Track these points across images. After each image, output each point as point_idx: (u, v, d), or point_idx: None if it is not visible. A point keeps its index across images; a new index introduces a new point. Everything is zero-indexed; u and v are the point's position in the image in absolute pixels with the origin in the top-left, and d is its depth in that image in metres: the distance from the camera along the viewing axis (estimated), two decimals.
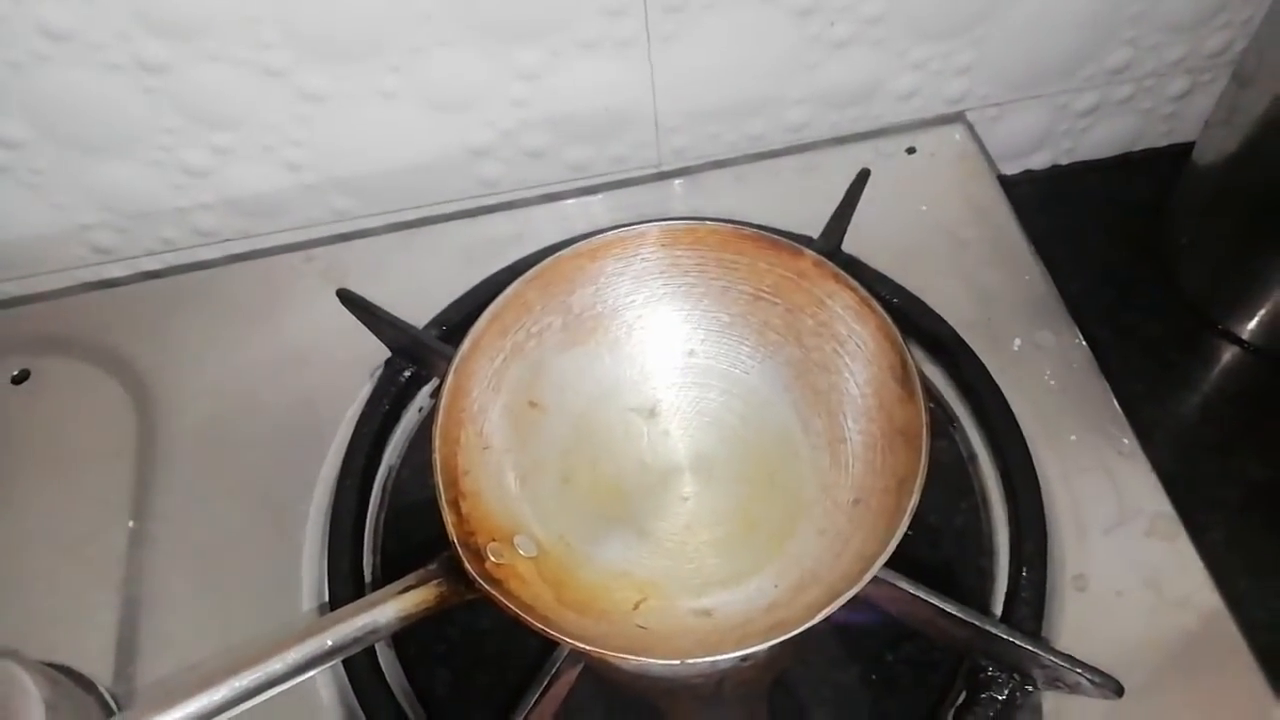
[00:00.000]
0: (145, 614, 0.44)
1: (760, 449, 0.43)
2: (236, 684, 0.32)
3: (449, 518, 0.36)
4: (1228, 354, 0.55)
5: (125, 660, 0.43)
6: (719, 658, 0.34)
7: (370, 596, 0.35)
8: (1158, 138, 0.65)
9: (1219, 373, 0.55)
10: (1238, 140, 0.52)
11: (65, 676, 0.42)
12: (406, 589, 0.35)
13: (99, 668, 0.43)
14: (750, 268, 0.43)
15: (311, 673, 0.33)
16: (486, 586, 0.35)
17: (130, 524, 0.47)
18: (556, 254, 0.43)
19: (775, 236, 0.42)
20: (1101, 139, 0.64)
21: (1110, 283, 0.58)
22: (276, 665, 0.33)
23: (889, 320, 0.39)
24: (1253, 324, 0.54)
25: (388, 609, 0.35)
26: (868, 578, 0.33)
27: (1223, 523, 0.48)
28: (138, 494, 0.48)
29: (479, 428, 0.41)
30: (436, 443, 0.38)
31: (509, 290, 0.42)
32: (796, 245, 0.42)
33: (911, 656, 0.42)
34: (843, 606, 0.33)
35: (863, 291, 0.40)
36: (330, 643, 0.34)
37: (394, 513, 0.47)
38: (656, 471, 0.43)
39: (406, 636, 0.43)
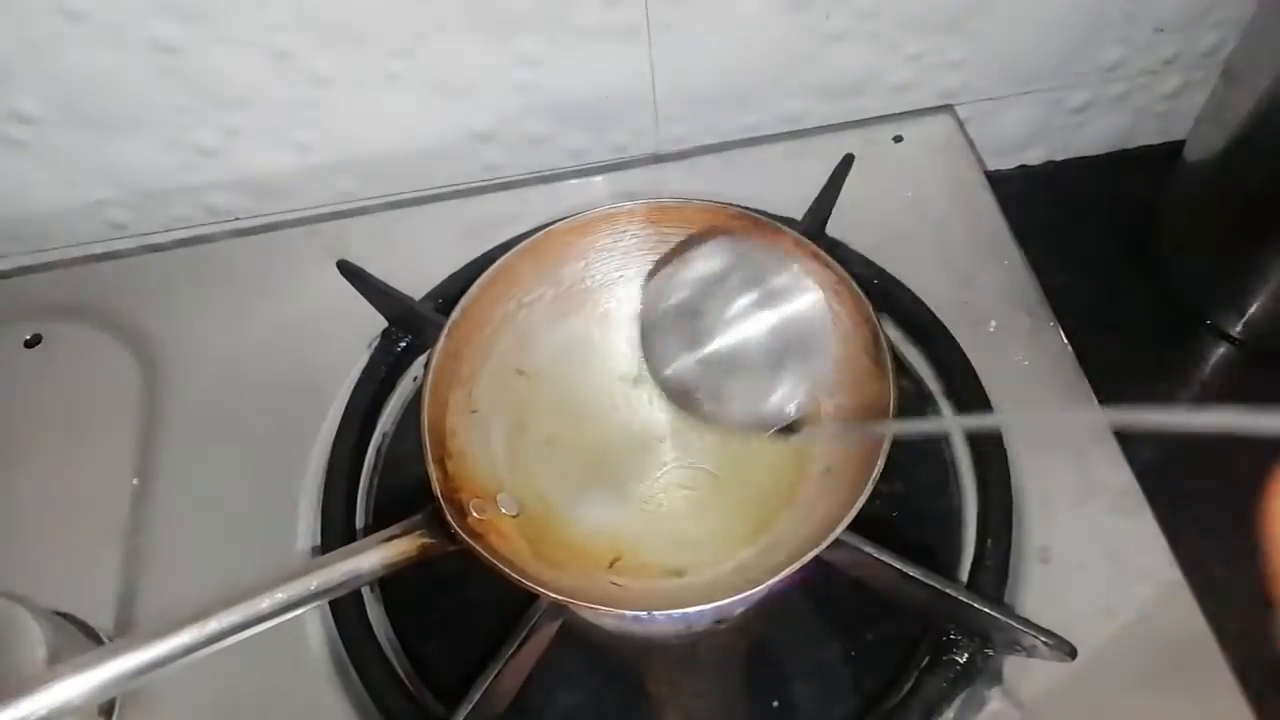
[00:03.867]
0: (147, 567, 0.46)
1: None
2: (226, 619, 0.33)
3: (434, 474, 0.38)
4: (1216, 350, 0.56)
5: (126, 609, 0.45)
6: (688, 610, 0.35)
7: (355, 544, 0.36)
8: (1152, 135, 0.66)
9: (1207, 368, 0.56)
10: (1226, 138, 0.52)
11: (69, 623, 0.44)
12: (390, 538, 0.37)
13: (101, 616, 0.45)
14: None
15: (297, 612, 0.34)
16: (467, 539, 0.36)
17: (134, 482, 0.49)
18: (548, 227, 0.44)
19: (758, 216, 0.43)
20: (1095, 136, 0.65)
21: (1102, 278, 0.58)
22: (264, 603, 0.34)
23: (864, 298, 0.40)
24: (1242, 321, 0.55)
25: (371, 556, 0.36)
26: (831, 538, 0.35)
27: (1202, 512, 0.48)
28: (142, 454, 0.50)
29: (468, 391, 0.42)
30: (426, 403, 0.39)
31: (501, 261, 0.43)
32: (778, 225, 0.43)
33: (882, 627, 0.43)
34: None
35: (839, 270, 0.41)
36: (315, 585, 0.35)
37: (387, 476, 0.49)
38: (638, 437, 0.45)
39: (394, 591, 0.45)
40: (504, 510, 0.41)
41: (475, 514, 0.38)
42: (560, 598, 0.35)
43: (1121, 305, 0.57)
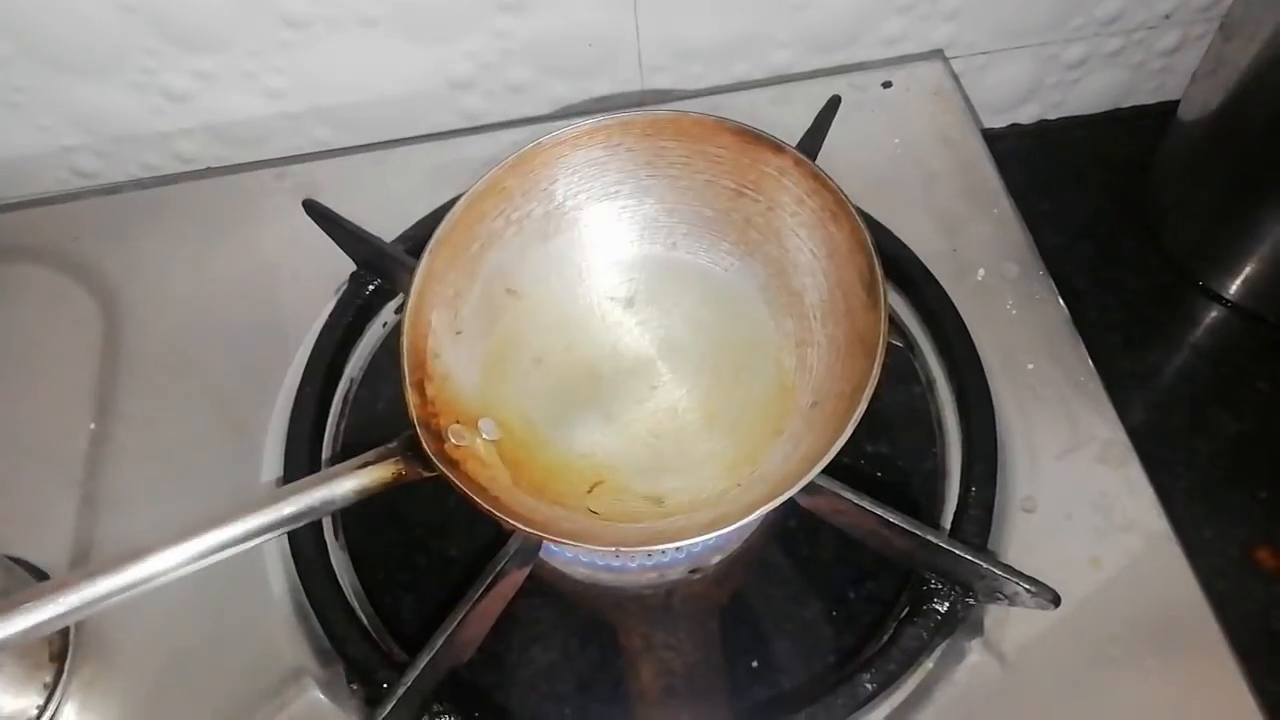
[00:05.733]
0: (103, 512, 0.45)
1: (731, 345, 0.43)
2: (198, 544, 0.33)
3: (412, 398, 0.36)
4: (1208, 311, 0.55)
5: (82, 555, 0.44)
6: (655, 548, 0.34)
7: (328, 470, 0.35)
8: (1147, 94, 0.65)
9: (1198, 329, 0.55)
10: (1223, 94, 0.51)
11: (22, 569, 0.42)
12: (364, 465, 0.35)
13: (57, 563, 0.43)
14: (734, 162, 0.42)
15: (267, 538, 0.33)
16: (442, 467, 0.35)
17: (92, 425, 0.47)
18: (538, 140, 0.42)
19: (758, 131, 0.41)
20: (1090, 93, 0.64)
21: (1094, 238, 0.58)
22: (236, 529, 0.33)
23: (862, 225, 0.39)
24: (1234, 282, 0.54)
25: (345, 483, 0.35)
26: (807, 478, 0.33)
27: (1191, 474, 0.49)
28: (101, 398, 0.48)
29: (454, 312, 0.40)
30: (407, 325, 0.38)
31: (488, 176, 0.41)
32: (779, 141, 0.41)
33: (862, 577, 0.42)
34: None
35: (841, 193, 0.39)
36: (287, 511, 0.34)
37: (353, 424, 0.48)
38: (628, 359, 0.43)
39: (358, 536, 0.44)
40: (485, 435, 0.39)
41: (454, 440, 0.37)
42: (532, 530, 0.34)
43: (1114, 267, 0.57)
